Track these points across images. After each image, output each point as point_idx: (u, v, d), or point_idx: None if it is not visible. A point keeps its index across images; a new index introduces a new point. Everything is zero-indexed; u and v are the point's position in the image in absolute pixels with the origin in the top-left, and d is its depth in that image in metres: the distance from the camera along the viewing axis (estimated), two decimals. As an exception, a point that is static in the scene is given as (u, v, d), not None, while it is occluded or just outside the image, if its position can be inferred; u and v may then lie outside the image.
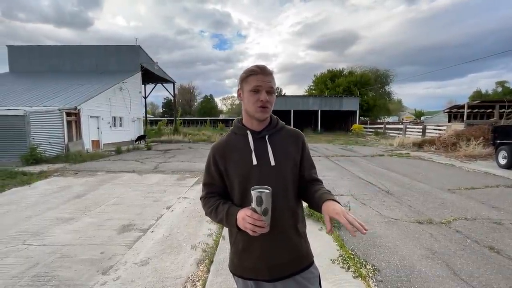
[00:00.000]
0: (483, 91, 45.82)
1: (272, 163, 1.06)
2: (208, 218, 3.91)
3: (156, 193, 5.41)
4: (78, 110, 11.92)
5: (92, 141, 13.13)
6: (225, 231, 3.44)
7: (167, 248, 3.06)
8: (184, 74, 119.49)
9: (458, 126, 14.18)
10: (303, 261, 1.11)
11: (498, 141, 8.48)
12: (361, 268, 2.62)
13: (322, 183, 1.16)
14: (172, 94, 26.56)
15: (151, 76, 22.64)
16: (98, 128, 13.76)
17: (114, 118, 15.56)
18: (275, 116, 1.19)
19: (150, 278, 2.46)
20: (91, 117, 13.02)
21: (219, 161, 1.10)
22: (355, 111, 29.56)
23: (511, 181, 6.40)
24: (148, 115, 31.55)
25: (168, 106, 58.80)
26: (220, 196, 1.12)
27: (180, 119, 27.21)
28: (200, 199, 1.17)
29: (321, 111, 29.36)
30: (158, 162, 9.54)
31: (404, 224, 3.79)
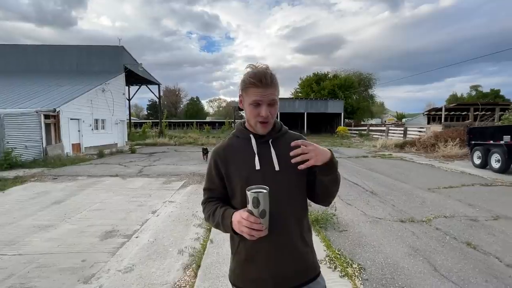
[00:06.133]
0: (459, 95, 48.29)
1: (276, 168, 1.02)
2: (194, 222, 3.88)
3: (140, 197, 5.27)
4: (57, 112, 11.43)
5: (73, 144, 12.62)
6: (213, 234, 3.40)
7: (152, 253, 2.98)
8: (170, 76, 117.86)
9: (437, 128, 14.83)
10: (310, 272, 1.06)
11: (473, 142, 8.94)
12: (347, 267, 2.66)
13: None
14: (157, 96, 26.09)
15: (135, 78, 22.11)
16: (79, 131, 13.24)
17: (96, 120, 15.05)
18: (278, 121, 1.15)
19: (134, 286, 2.38)
20: (71, 119, 12.52)
21: (220, 165, 1.05)
22: (340, 114, 30.23)
23: (485, 180, 6.76)
24: (132, 118, 30.77)
25: (153, 108, 57.62)
26: (220, 201, 1.08)
27: (165, 122, 26.79)
28: (201, 204, 1.14)
29: (307, 113, 29.79)
30: (143, 166, 9.31)
31: (388, 223, 3.90)
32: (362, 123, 32.79)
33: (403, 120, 41.63)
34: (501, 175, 7.25)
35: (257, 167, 1.01)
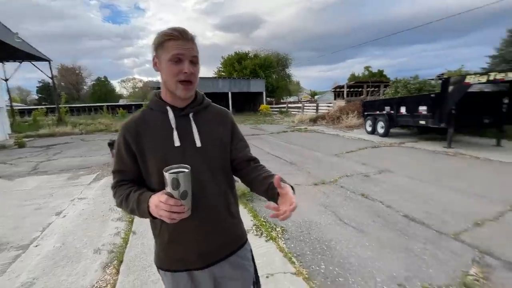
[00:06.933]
0: (356, 74, 56.98)
1: (198, 144, 0.94)
2: (113, 216, 3.52)
3: (38, 199, 4.36)
4: None
5: None
6: (135, 226, 3.17)
7: (60, 260, 2.57)
8: (66, 51, 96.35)
9: (341, 103, 17.29)
10: (238, 241, 1.07)
11: (366, 113, 10.88)
12: (271, 231, 2.94)
13: (259, 161, 1.09)
14: (50, 75, 21.18)
15: (10, 52, 17.20)
16: None
17: (-46, 109, 11.27)
18: (201, 92, 1.04)
19: (39, 300, 2.03)
20: None
21: (131, 141, 0.93)
22: (262, 92, 31.55)
23: (374, 143, 8.41)
24: (16, 104, 24.32)
25: (46, 91, 46.94)
26: (134, 183, 0.97)
27: (65, 107, 22.33)
28: (111, 188, 0.99)
29: (231, 93, 29.90)
30: (38, 161, 7.64)
31: (305, 187, 4.45)
32: (282, 101, 35.22)
33: (316, 97, 46.83)
34: (384, 138, 9.16)
35: (177, 143, 0.93)
